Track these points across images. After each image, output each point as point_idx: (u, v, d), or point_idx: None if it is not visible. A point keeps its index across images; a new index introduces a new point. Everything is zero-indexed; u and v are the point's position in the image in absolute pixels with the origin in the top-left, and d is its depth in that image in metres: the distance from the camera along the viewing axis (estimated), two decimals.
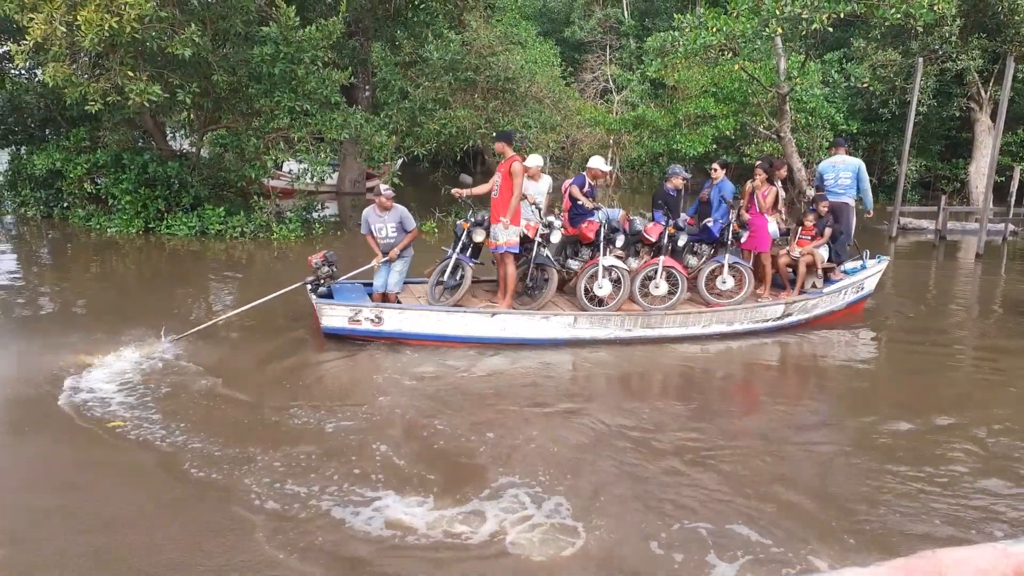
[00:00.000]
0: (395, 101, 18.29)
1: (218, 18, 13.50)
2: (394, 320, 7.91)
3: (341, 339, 7.98)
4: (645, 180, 28.72)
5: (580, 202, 8.59)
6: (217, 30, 13.61)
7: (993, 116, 20.38)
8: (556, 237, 8.44)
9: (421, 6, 18.67)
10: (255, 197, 14.96)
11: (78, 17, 11.18)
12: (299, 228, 14.82)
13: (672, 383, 7.66)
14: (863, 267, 9.81)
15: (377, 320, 7.86)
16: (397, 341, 7.99)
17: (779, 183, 9.38)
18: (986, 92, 22.97)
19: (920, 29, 15.85)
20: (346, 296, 8.23)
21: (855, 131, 24.16)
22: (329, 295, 8.22)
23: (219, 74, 13.34)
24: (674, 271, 8.53)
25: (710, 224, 9.17)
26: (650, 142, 25.96)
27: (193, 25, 12.26)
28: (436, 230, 15.56)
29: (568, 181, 9.08)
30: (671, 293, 8.55)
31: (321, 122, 14.35)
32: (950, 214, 17.99)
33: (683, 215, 9.43)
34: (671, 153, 24.96)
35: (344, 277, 8.79)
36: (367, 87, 21.51)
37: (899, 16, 14.49)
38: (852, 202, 9.82)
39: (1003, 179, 20.32)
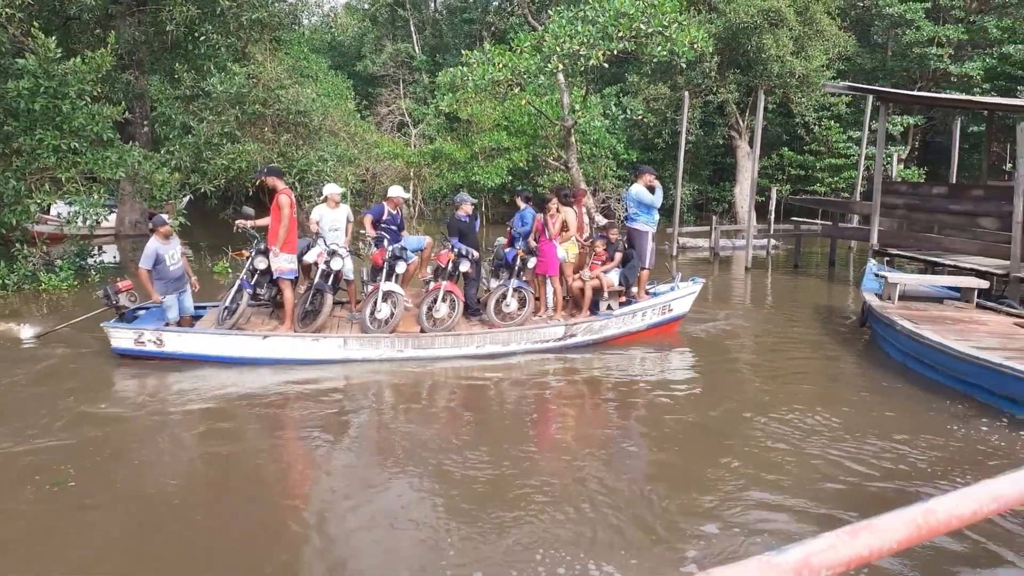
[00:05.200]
0: (177, 136, 17.25)
1: None
2: (174, 342, 8.49)
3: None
4: (448, 210, 29.14)
5: (364, 232, 9.45)
6: None
7: (751, 143, 22.76)
8: (337, 264, 8.96)
9: (201, 38, 17.87)
10: (18, 245, 13.44)
11: None
12: (72, 276, 13.47)
13: (442, 400, 7.74)
14: (673, 289, 10.25)
15: (159, 342, 8.44)
16: (180, 361, 8.44)
17: (585, 209, 10.07)
18: (743, 121, 25.70)
19: (684, 65, 17.42)
20: (152, 320, 8.79)
21: (635, 160, 26.02)
22: (132, 319, 8.86)
23: None
24: (453, 295, 9.06)
25: (506, 251, 9.75)
26: (449, 174, 26.44)
27: None
28: (230, 270, 14.78)
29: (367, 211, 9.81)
30: (450, 316, 9.06)
31: (92, 160, 13.22)
32: (721, 232, 19.80)
33: (499, 239, 10.12)
34: (470, 185, 25.58)
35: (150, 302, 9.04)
36: (145, 122, 20.19)
37: (665, 53, 15.88)
38: (644, 228, 10.02)
39: (763, 199, 22.73)
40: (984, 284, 10.19)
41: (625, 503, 5.20)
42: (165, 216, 8.61)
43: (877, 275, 10.65)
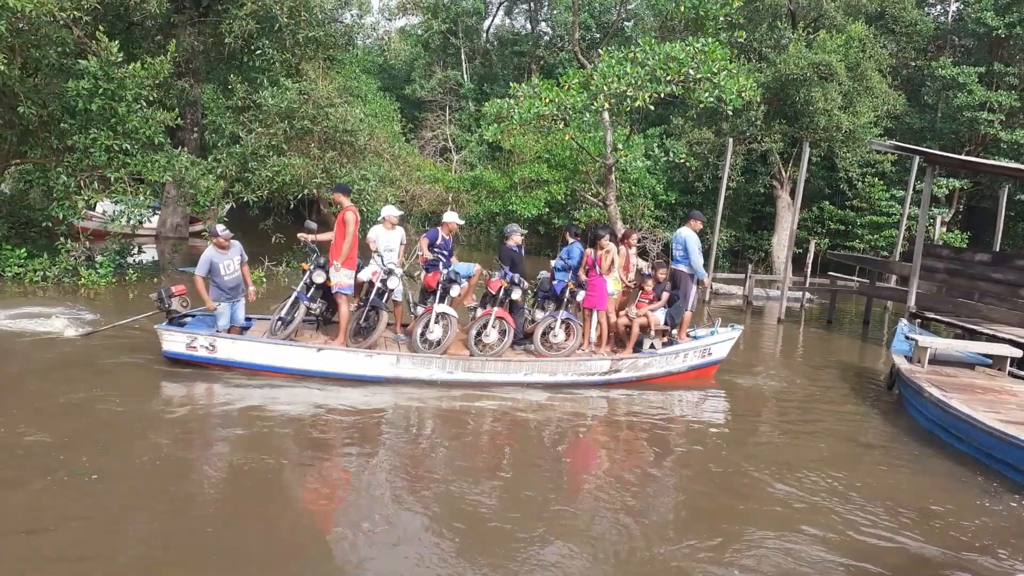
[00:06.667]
0: (225, 145, 17.64)
1: (30, 47, 12.55)
2: (227, 349, 8.47)
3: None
4: (483, 237, 29.35)
5: (419, 254, 9.60)
6: (28, 59, 12.65)
7: (792, 194, 22.61)
8: (394, 283, 9.03)
9: (257, 52, 18.29)
10: (62, 239, 13.78)
11: None
12: (110, 273, 13.76)
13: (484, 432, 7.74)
14: (713, 333, 10.30)
15: (211, 348, 8.43)
16: (230, 369, 8.49)
17: (632, 250, 10.46)
18: (786, 172, 25.54)
19: (730, 112, 17.40)
20: (200, 327, 8.78)
21: (673, 202, 26.00)
22: (180, 325, 8.84)
23: (26, 106, 12.35)
24: (504, 322, 9.10)
25: (554, 283, 9.86)
26: (488, 202, 26.62)
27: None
28: (264, 280, 14.97)
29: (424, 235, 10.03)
30: (499, 342, 9.13)
31: (142, 163, 13.58)
32: (756, 281, 19.62)
33: (543, 272, 10.28)
34: (507, 214, 25.74)
35: (199, 310, 9.14)
36: (195, 129, 20.67)
37: (712, 99, 15.92)
38: (690, 270, 10.20)
39: (801, 251, 22.52)
40: (1017, 353, 9.95)
41: (645, 548, 5.12)
42: (219, 227, 8.73)
43: (908, 337, 10.47)
